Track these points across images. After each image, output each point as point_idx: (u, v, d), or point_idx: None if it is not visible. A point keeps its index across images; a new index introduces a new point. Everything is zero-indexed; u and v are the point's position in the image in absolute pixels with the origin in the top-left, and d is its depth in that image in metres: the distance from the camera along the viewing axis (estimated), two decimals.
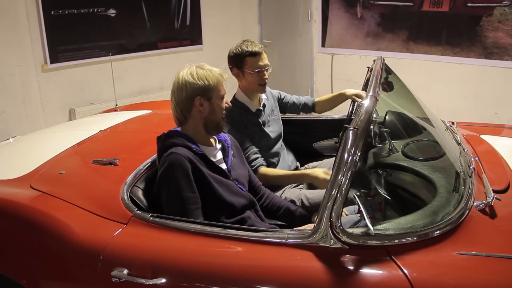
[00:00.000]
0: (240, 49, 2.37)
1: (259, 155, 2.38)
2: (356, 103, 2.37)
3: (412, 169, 2.03)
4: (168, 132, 1.95)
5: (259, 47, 2.37)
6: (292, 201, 2.30)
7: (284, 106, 2.71)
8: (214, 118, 1.91)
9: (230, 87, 2.09)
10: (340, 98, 2.58)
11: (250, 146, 2.37)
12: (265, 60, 2.39)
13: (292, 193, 2.38)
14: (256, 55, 2.35)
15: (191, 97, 1.86)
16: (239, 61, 2.37)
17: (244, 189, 1.98)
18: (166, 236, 1.64)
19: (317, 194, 2.31)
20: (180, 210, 1.75)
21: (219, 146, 2.01)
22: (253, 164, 2.33)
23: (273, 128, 2.53)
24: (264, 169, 2.35)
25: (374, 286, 1.40)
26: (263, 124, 2.49)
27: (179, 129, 1.96)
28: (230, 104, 1.99)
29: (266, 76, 2.41)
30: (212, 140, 2.00)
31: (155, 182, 1.86)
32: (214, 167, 1.89)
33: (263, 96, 2.54)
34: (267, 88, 2.54)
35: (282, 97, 2.71)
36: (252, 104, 2.47)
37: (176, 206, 1.76)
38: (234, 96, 2.49)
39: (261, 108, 2.50)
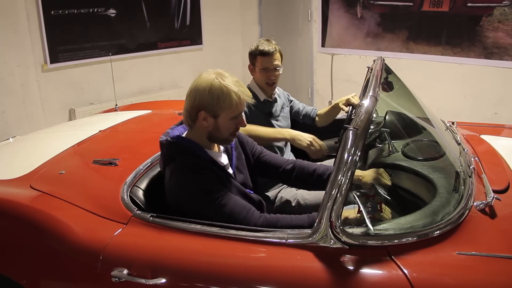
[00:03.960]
0: (255, 47, 2.49)
1: None
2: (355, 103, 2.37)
3: (412, 169, 2.03)
4: (172, 137, 1.80)
5: (272, 47, 2.46)
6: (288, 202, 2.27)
7: (289, 109, 2.78)
8: (219, 135, 1.76)
9: None
10: (335, 110, 2.62)
11: None
12: (275, 61, 2.48)
13: (288, 193, 2.37)
14: (266, 55, 2.46)
15: (196, 109, 1.71)
16: (252, 58, 2.52)
17: (251, 192, 1.92)
18: (166, 236, 1.64)
19: (314, 196, 2.30)
20: (220, 203, 1.66)
21: (222, 148, 1.92)
22: None
23: (281, 124, 2.62)
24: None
25: (374, 286, 1.40)
26: (271, 115, 2.57)
27: (182, 130, 1.88)
28: (246, 124, 1.83)
29: (273, 77, 2.51)
30: (216, 145, 1.90)
31: (167, 194, 1.79)
32: (223, 172, 1.82)
33: (276, 90, 2.63)
34: (280, 89, 2.68)
35: (291, 100, 2.81)
36: (262, 94, 2.56)
37: (215, 203, 1.66)
38: (247, 85, 2.55)
39: (270, 100, 2.59)
